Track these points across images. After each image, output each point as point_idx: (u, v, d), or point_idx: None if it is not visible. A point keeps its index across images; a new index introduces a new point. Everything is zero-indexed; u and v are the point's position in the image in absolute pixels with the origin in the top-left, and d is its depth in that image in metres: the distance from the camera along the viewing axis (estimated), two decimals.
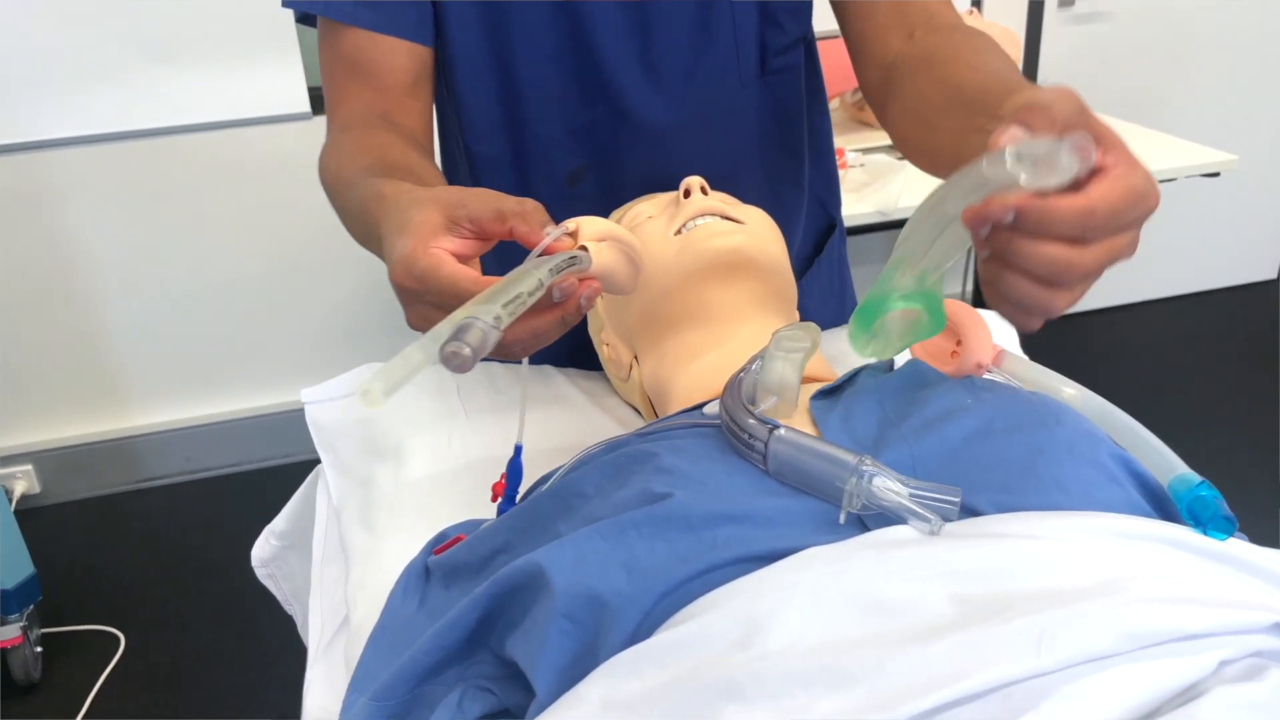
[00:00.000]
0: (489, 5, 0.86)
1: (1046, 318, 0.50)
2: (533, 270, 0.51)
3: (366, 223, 0.67)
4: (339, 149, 0.80)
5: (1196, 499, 0.52)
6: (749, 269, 0.74)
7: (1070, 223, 0.46)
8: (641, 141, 0.91)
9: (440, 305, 0.55)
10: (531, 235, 0.55)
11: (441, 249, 0.55)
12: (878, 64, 0.83)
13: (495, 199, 0.57)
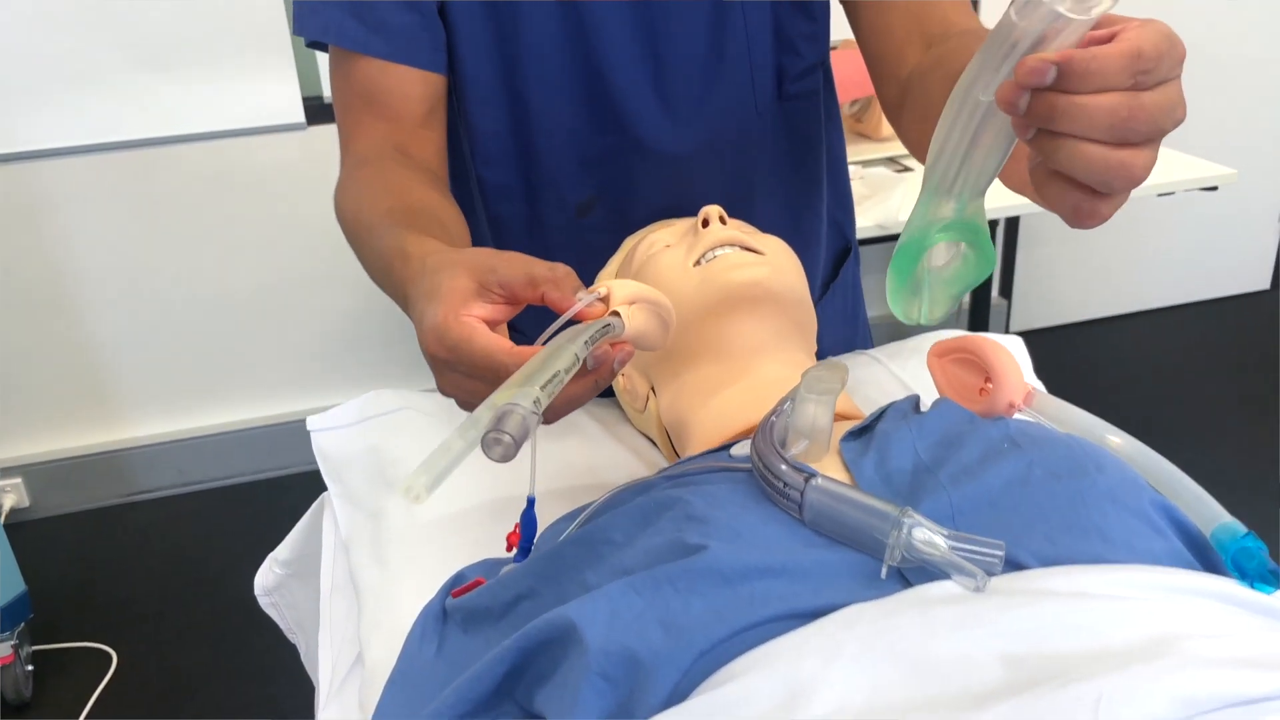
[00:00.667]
0: (502, 33, 0.85)
1: (1129, 188, 0.45)
2: (568, 345, 0.51)
3: (390, 278, 0.66)
4: (357, 187, 0.79)
5: (1242, 550, 0.51)
6: (770, 302, 0.73)
7: (1123, 66, 0.41)
8: (654, 170, 0.90)
9: (472, 374, 0.54)
10: (564, 301, 0.55)
11: (473, 317, 0.54)
12: (896, 79, 0.81)
13: (526, 264, 0.56)
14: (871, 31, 0.84)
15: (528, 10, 0.84)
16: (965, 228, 0.48)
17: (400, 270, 0.65)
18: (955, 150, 0.46)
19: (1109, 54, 0.41)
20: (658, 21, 0.85)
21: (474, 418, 0.48)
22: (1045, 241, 3.00)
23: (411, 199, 0.76)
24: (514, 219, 0.95)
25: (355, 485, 0.86)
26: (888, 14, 0.82)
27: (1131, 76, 0.42)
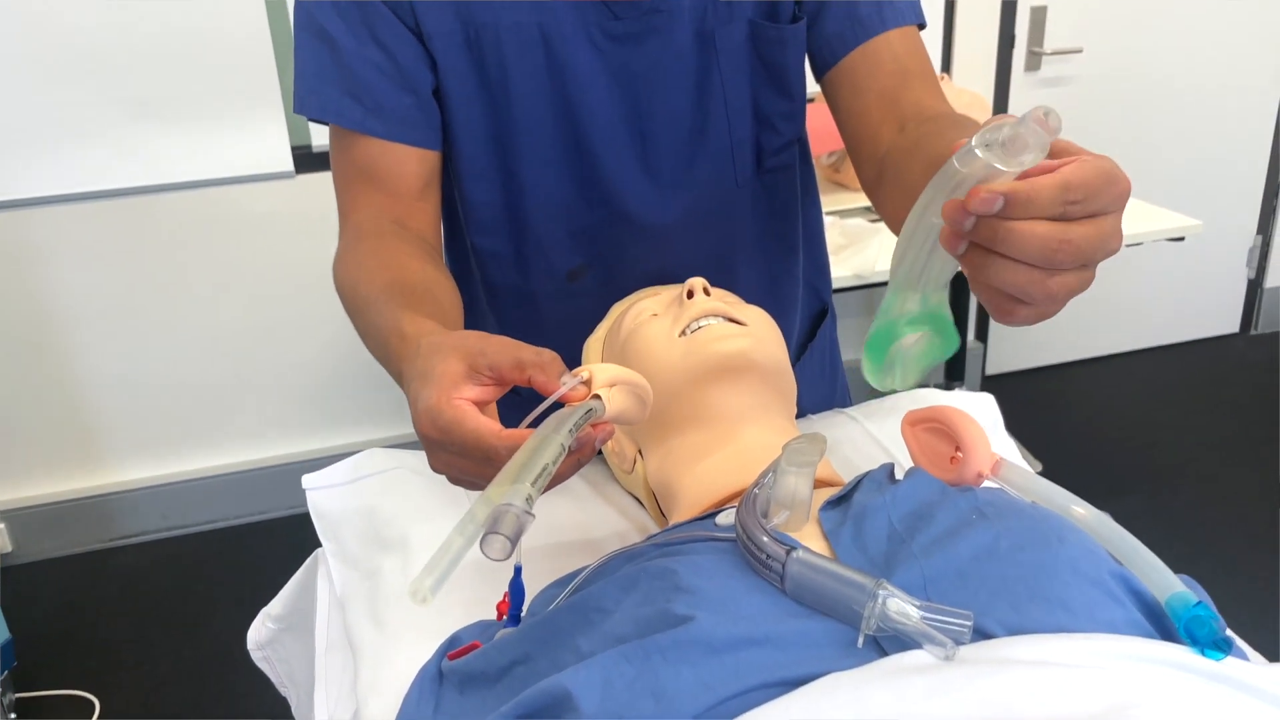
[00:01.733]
0: (495, 113, 0.89)
1: (1043, 306, 0.50)
2: (554, 436, 0.55)
3: (387, 353, 0.71)
4: (356, 260, 0.83)
5: (1194, 618, 0.54)
6: (753, 372, 0.77)
7: (1052, 198, 0.46)
8: (641, 240, 0.94)
9: (463, 454, 0.58)
10: (549, 384, 0.59)
11: (464, 399, 0.58)
12: (873, 159, 0.86)
13: (514, 349, 0.59)
14: (849, 114, 0.89)
15: (520, 92, 0.88)
16: (929, 318, 0.54)
17: (397, 348, 0.68)
18: (915, 259, 0.52)
19: (1041, 185, 0.46)
20: (644, 102, 0.90)
21: (470, 514, 0.52)
22: None
23: (408, 274, 0.80)
24: (506, 285, 0.98)
25: (350, 544, 0.89)
26: (864, 98, 0.87)
27: (1061, 206, 0.46)
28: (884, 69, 0.87)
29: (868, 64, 0.88)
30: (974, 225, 0.48)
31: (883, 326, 0.55)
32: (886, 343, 0.54)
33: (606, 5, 0.86)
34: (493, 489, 0.52)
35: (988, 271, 0.49)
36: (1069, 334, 3.17)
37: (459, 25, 0.86)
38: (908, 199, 0.76)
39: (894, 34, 0.88)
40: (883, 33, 0.87)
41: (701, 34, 0.88)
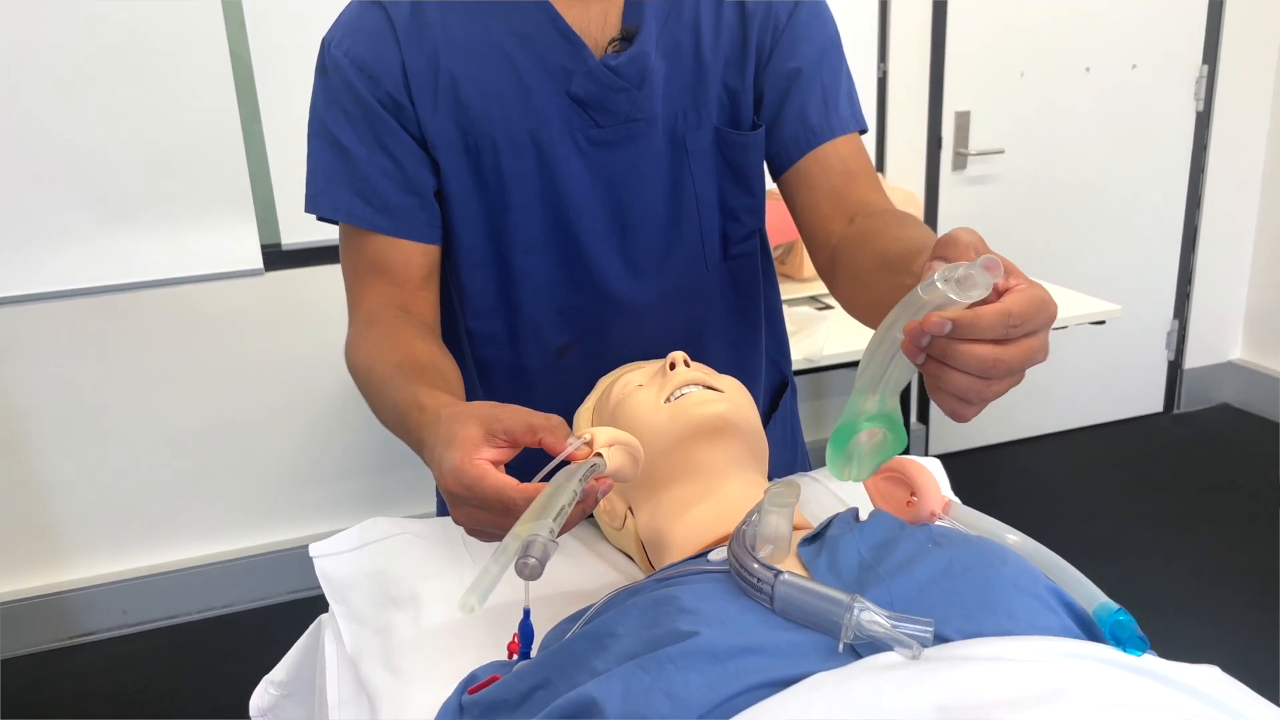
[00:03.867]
0: (491, 211, 0.99)
1: (982, 405, 0.61)
2: (567, 484, 0.65)
3: (405, 425, 0.79)
4: (368, 343, 0.92)
5: (1117, 623, 0.65)
6: (731, 432, 0.87)
7: (993, 326, 0.57)
8: (622, 319, 1.04)
9: (484, 508, 0.67)
10: (557, 445, 0.68)
11: (483, 460, 0.67)
12: (825, 247, 0.99)
13: (526, 415, 0.69)
14: (803, 209, 1.02)
15: (514, 191, 0.99)
16: (885, 419, 0.65)
17: (416, 419, 0.77)
18: (878, 367, 0.63)
19: (985, 314, 0.58)
20: (624, 198, 1.01)
21: (503, 547, 0.61)
22: None
23: (417, 355, 0.89)
24: (499, 362, 1.08)
25: (360, 605, 0.95)
26: (816, 195, 1.00)
27: (1004, 330, 0.58)
28: (833, 170, 1.00)
29: (819, 166, 1.01)
30: (930, 343, 0.59)
31: (845, 423, 0.65)
32: (847, 438, 0.65)
33: (589, 115, 0.98)
34: (520, 526, 0.62)
35: (940, 380, 0.60)
36: (1005, 416, 3.33)
37: (459, 134, 0.97)
38: (857, 284, 0.91)
39: (840, 140, 1.01)
40: (831, 140, 1.01)
41: (673, 139, 1.00)
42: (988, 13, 2.88)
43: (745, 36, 0.99)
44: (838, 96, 1.02)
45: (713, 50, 0.99)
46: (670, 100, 0.99)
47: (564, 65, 0.96)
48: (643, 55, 0.96)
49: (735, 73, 1.00)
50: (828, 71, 1.02)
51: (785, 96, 1.00)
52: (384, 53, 0.95)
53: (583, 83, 0.96)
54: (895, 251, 0.82)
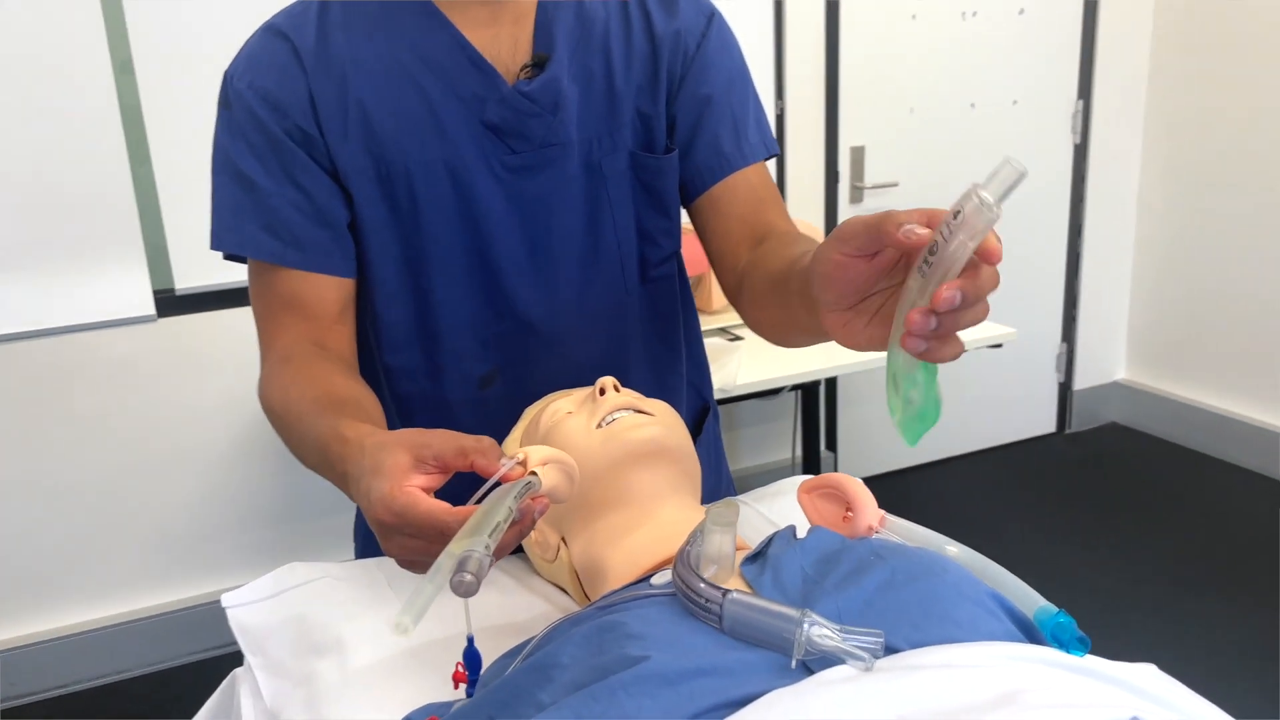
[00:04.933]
0: (407, 242, 0.97)
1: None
2: (501, 501, 0.62)
3: (327, 459, 0.76)
4: (284, 380, 0.89)
5: (1058, 625, 0.65)
6: (664, 455, 0.86)
7: (990, 284, 0.57)
8: (545, 347, 1.03)
9: (417, 535, 0.64)
10: (490, 467, 0.66)
11: (413, 486, 0.64)
12: (734, 271, 1.00)
13: (455, 438, 0.67)
14: (714, 234, 1.03)
15: (429, 220, 0.97)
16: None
17: (339, 451, 0.74)
18: None
19: (986, 275, 0.58)
20: (541, 224, 1.00)
21: (438, 565, 0.58)
22: (861, 400, 3.30)
23: (336, 389, 0.86)
24: (419, 396, 1.05)
25: (279, 655, 0.90)
26: (727, 222, 1.02)
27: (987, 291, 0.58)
28: (742, 198, 1.02)
29: (729, 193, 1.02)
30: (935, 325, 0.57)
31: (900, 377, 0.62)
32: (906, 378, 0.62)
33: (504, 142, 0.97)
34: (454, 544, 0.59)
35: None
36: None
37: (371, 164, 0.95)
38: (758, 306, 0.93)
39: (751, 168, 1.03)
40: (742, 167, 1.02)
41: (589, 164, 1.00)
42: (877, 53, 2.99)
43: (656, 63, 1.00)
44: (746, 124, 1.03)
45: (624, 76, 0.99)
46: (585, 125, 0.99)
47: (476, 93, 0.95)
48: (555, 80, 0.96)
49: (648, 98, 1.01)
50: (737, 99, 1.03)
51: (697, 124, 1.02)
52: (289, 83, 0.93)
53: (496, 109, 0.95)
54: (779, 270, 0.85)
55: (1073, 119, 3.38)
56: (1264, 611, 2.48)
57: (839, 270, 0.62)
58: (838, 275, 0.62)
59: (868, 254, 0.61)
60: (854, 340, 0.66)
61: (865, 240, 0.60)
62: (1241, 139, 3.16)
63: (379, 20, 0.95)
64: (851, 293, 0.63)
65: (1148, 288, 3.59)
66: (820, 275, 0.64)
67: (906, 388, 0.62)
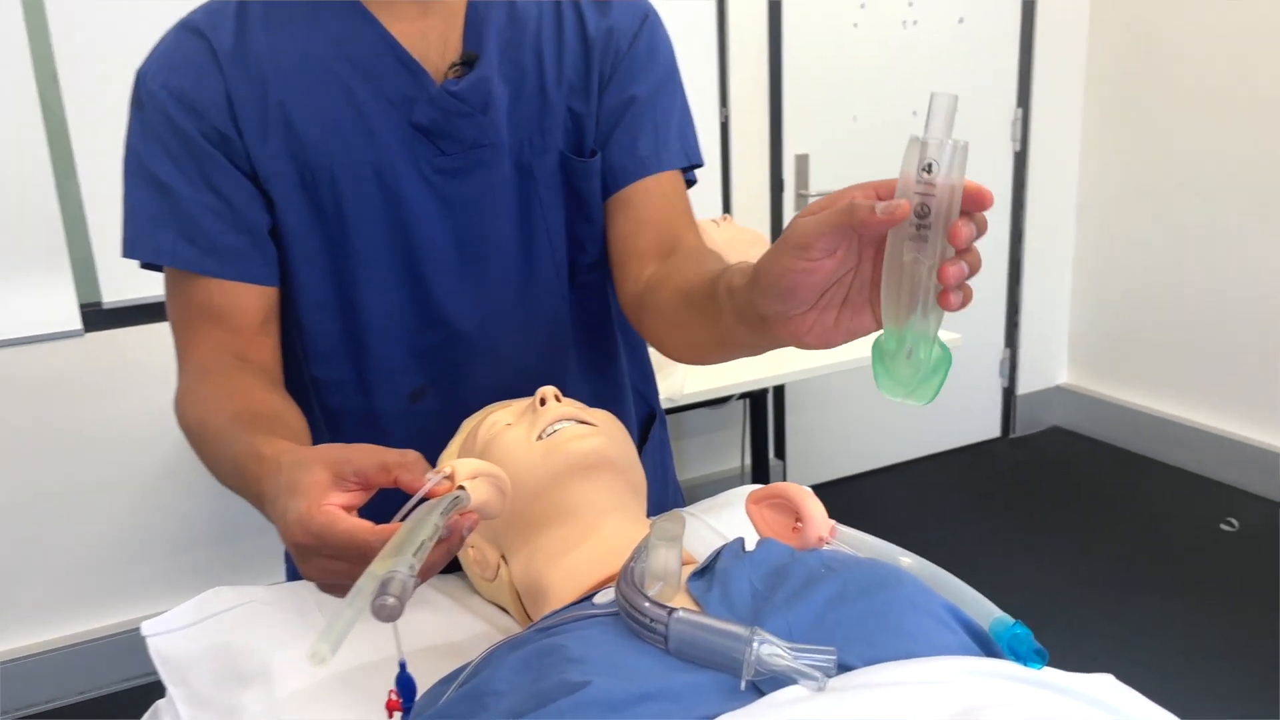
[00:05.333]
0: (332, 247, 0.93)
1: None
2: (428, 517, 0.58)
3: (243, 478, 0.71)
4: (201, 394, 0.84)
5: (1014, 637, 0.63)
6: (608, 467, 0.82)
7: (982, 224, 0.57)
8: (478, 357, 0.99)
9: (338, 556, 0.59)
10: (415, 482, 0.61)
11: (333, 505, 0.60)
12: (637, 279, 0.96)
13: (378, 453, 0.62)
14: (620, 237, 0.99)
15: (356, 225, 0.93)
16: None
17: (255, 470, 0.70)
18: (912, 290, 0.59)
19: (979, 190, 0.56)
20: (473, 228, 0.96)
21: (358, 588, 0.54)
22: (809, 407, 3.29)
23: (256, 404, 0.82)
24: (348, 410, 1.00)
25: (202, 686, 0.86)
26: (635, 225, 0.98)
27: None
28: (654, 203, 0.99)
29: (641, 197, 0.99)
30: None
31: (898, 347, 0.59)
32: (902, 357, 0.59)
33: (434, 143, 0.93)
34: (376, 564, 0.55)
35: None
36: (858, 447, 3.42)
37: (294, 167, 0.91)
38: (668, 324, 0.88)
39: (666, 175, 1.00)
40: (657, 172, 0.99)
41: (520, 165, 0.97)
42: (820, 61, 2.99)
43: (588, 62, 0.98)
44: (669, 129, 1.01)
45: (556, 75, 0.96)
46: (515, 125, 0.96)
47: (405, 93, 0.91)
48: (485, 80, 0.93)
49: (580, 98, 0.98)
50: (663, 103, 1.01)
51: (618, 124, 0.99)
52: (206, 83, 0.89)
53: (425, 110, 0.92)
54: (699, 287, 0.81)
55: (1012, 126, 3.42)
56: (1205, 610, 2.52)
57: (804, 277, 0.59)
58: (801, 283, 0.60)
59: (833, 253, 0.59)
60: (827, 338, 0.63)
61: (830, 240, 0.58)
62: (1176, 146, 3.22)
63: (302, 17, 0.91)
64: (814, 294, 0.61)
65: (1087, 293, 3.65)
66: (778, 289, 0.61)
67: (924, 351, 0.59)
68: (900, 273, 0.58)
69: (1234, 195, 3.07)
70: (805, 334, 0.63)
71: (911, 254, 0.57)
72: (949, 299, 0.57)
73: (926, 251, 0.56)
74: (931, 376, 0.60)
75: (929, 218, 0.55)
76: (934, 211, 0.55)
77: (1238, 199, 3.06)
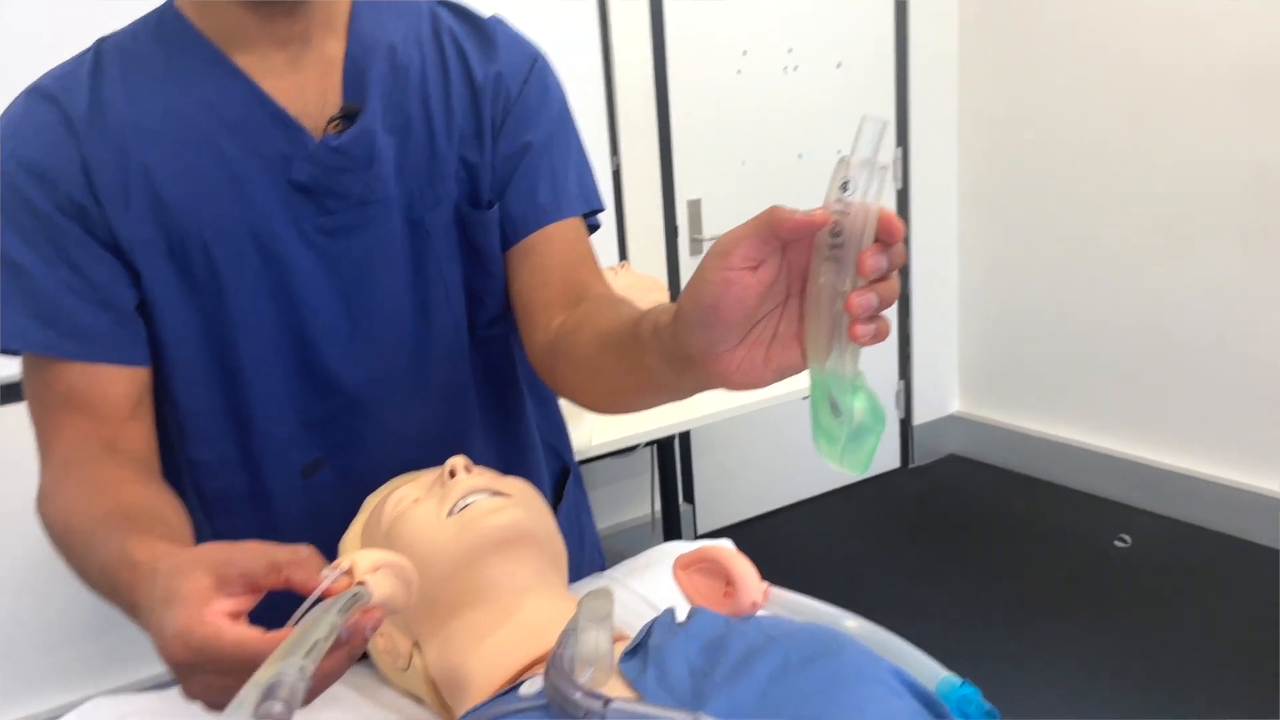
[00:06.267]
0: (209, 318, 0.87)
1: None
2: (324, 616, 0.53)
3: (116, 587, 0.65)
4: (65, 493, 0.77)
5: (962, 698, 0.61)
6: (527, 541, 0.78)
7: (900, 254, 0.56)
8: (376, 425, 0.94)
9: (224, 671, 0.54)
10: (309, 581, 0.56)
11: (217, 614, 0.54)
12: (545, 330, 0.92)
13: (265, 551, 0.57)
14: (525, 288, 0.95)
15: (234, 293, 0.87)
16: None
17: (128, 578, 0.63)
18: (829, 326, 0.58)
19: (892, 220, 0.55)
20: (364, 288, 0.91)
21: (240, 700, 0.48)
22: (715, 449, 3.29)
23: (128, 499, 0.75)
24: (233, 493, 0.93)
25: None
26: (540, 275, 0.94)
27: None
28: (558, 251, 0.95)
29: (545, 245, 0.95)
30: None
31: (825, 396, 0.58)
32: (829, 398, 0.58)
33: (316, 202, 0.88)
34: (261, 671, 0.49)
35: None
36: (766, 487, 3.42)
37: (160, 235, 0.84)
38: (584, 371, 0.84)
39: (568, 222, 0.97)
40: (559, 220, 0.96)
41: (412, 220, 0.92)
42: (707, 107, 3.03)
43: (478, 109, 0.94)
44: (566, 175, 0.98)
45: (445, 124, 0.92)
46: (404, 178, 0.91)
47: (281, 150, 0.86)
48: (368, 133, 0.88)
49: (472, 147, 0.94)
50: (558, 148, 0.98)
51: (514, 172, 0.96)
52: (59, 151, 0.82)
53: (304, 168, 0.87)
54: (617, 329, 0.78)
55: (894, 166, 3.52)
56: (1104, 628, 2.58)
57: (725, 292, 0.56)
58: (724, 301, 0.57)
59: (754, 264, 0.57)
60: (756, 376, 0.60)
61: (753, 244, 0.56)
62: (1046, 179, 3.36)
63: (163, 75, 0.85)
64: (740, 321, 0.58)
65: (973, 324, 3.76)
66: (700, 309, 0.58)
67: (850, 399, 0.57)
68: (818, 298, 0.57)
69: (1107, 221, 3.21)
70: (733, 372, 0.60)
71: (827, 275, 0.56)
72: (855, 331, 0.55)
73: (840, 275, 0.55)
74: (860, 439, 0.58)
75: (842, 237, 0.55)
76: (847, 232, 0.54)
77: (1111, 225, 3.20)
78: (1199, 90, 2.89)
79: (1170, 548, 2.98)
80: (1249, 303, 2.89)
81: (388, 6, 0.94)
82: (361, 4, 0.92)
